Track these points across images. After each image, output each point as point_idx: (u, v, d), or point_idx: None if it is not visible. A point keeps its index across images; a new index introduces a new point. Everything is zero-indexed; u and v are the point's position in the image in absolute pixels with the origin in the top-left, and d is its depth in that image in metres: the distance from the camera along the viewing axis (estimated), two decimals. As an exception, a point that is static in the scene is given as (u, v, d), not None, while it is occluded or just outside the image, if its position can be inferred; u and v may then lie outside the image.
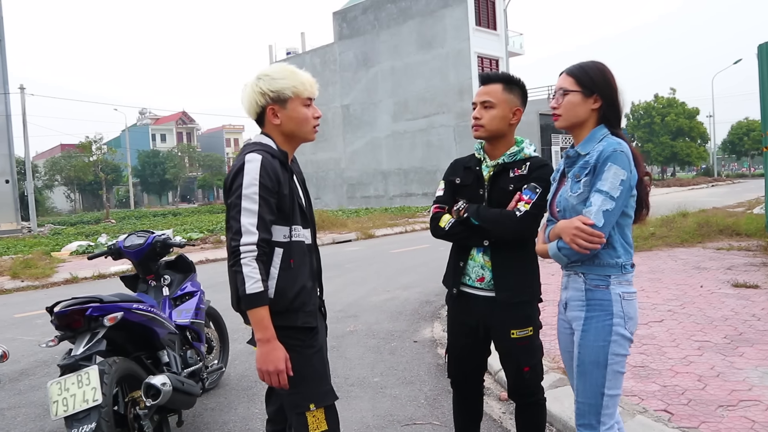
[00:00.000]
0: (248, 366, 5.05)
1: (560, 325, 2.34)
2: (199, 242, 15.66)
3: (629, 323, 2.11)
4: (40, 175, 53.77)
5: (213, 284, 9.21)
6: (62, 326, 2.89)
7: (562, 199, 2.19)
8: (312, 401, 2.20)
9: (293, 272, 2.19)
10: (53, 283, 10.73)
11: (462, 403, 2.86)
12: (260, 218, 2.09)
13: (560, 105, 2.18)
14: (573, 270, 2.19)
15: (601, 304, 2.10)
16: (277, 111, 2.24)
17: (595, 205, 2.02)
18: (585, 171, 2.10)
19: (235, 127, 79.03)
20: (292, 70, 2.29)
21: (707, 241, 9.93)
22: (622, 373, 2.13)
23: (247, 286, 2.04)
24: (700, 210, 13.99)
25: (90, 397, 2.62)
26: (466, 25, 31.33)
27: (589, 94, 2.13)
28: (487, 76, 2.58)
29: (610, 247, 2.09)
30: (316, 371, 2.24)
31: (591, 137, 2.16)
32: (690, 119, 52.47)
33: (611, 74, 2.17)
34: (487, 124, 2.53)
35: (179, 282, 4.11)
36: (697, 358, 4.17)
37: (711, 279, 6.87)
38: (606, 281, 2.10)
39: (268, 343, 2.09)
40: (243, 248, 2.05)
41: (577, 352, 2.15)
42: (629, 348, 2.13)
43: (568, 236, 2.04)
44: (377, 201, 35.45)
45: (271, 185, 2.13)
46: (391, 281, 9.03)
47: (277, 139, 2.28)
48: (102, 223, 33.23)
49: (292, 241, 2.20)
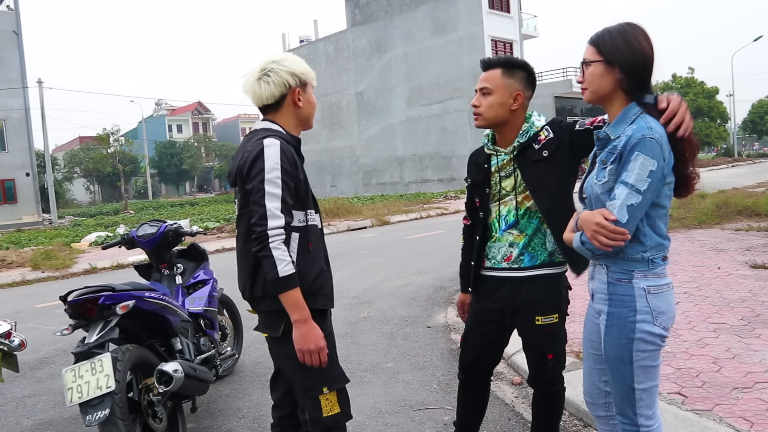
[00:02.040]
0: (262, 353, 5.09)
1: (589, 312, 2.22)
2: (216, 231, 15.80)
3: (660, 318, 1.93)
4: (59, 168, 54.52)
5: (229, 272, 9.26)
6: (76, 315, 2.93)
7: (588, 186, 2.03)
8: (325, 384, 2.23)
9: (311, 255, 2.21)
10: (73, 274, 10.89)
11: (469, 393, 2.79)
12: (284, 202, 2.10)
13: (584, 78, 2.03)
14: (597, 259, 2.05)
15: (623, 300, 1.95)
16: (300, 94, 2.27)
17: (619, 199, 1.85)
18: (612, 157, 1.92)
19: (251, 116, 79.06)
20: (299, 59, 2.32)
21: (725, 222, 9.80)
22: (653, 366, 1.98)
23: (279, 269, 2.05)
24: (719, 191, 13.79)
25: (103, 384, 2.66)
26: (479, 9, 31.03)
27: (611, 63, 1.94)
28: (486, 62, 2.51)
29: (637, 242, 1.91)
30: (329, 355, 2.24)
31: (622, 117, 1.96)
32: (709, 99, 51.58)
33: (635, 37, 1.93)
34: (485, 111, 2.45)
35: (192, 270, 4.15)
36: (713, 341, 4.12)
37: (728, 260, 6.79)
38: (629, 275, 1.94)
39: (306, 323, 2.11)
40: (271, 232, 2.06)
41: (603, 347, 2.03)
42: (663, 342, 1.97)
43: (589, 231, 1.89)
44: (393, 188, 35.41)
45: (291, 170, 2.14)
46: (405, 267, 9.04)
47: (289, 124, 2.29)
48: (120, 214, 33.63)
49: (308, 225, 2.23)
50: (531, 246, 2.49)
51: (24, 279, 10.46)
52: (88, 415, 2.64)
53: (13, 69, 29.93)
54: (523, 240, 2.49)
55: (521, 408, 3.64)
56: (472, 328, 2.68)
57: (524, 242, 2.49)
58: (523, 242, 2.49)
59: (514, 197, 2.49)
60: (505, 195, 2.53)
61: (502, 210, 2.54)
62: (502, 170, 2.52)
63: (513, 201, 2.50)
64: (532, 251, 2.49)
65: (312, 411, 2.23)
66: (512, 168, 2.49)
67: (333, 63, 38.23)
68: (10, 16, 30.48)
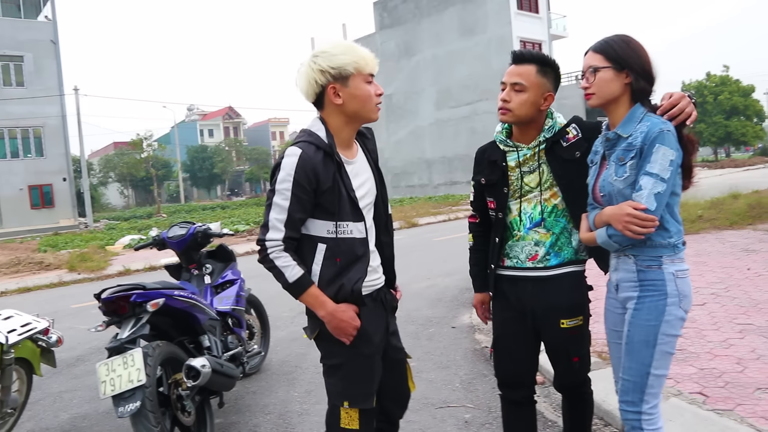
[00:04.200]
0: (289, 352, 5.20)
1: (609, 304, 2.28)
2: (246, 234, 16.03)
3: (684, 301, 2.07)
4: (95, 173, 55.77)
5: (258, 273, 9.44)
6: (109, 312, 3.07)
7: (606, 184, 2.12)
8: (346, 399, 2.18)
9: (337, 269, 2.13)
10: (107, 275, 11.19)
11: (514, 411, 2.59)
12: (289, 216, 2.05)
13: (592, 84, 2.11)
14: (622, 251, 2.12)
15: (655, 285, 2.06)
16: (338, 90, 2.10)
17: (646, 189, 1.96)
18: (630, 154, 2.04)
19: (281, 120, 79.96)
20: (351, 44, 2.16)
21: (758, 222, 9.61)
22: (671, 353, 2.09)
23: (287, 276, 2.06)
24: (753, 191, 13.52)
25: (135, 378, 2.78)
26: (507, 10, 30.93)
27: (620, 69, 2.06)
28: (521, 55, 2.36)
29: (662, 228, 2.03)
30: (358, 371, 2.19)
31: (630, 118, 2.09)
32: (745, 97, 50.45)
33: (638, 44, 2.10)
34: (516, 108, 2.33)
35: (220, 270, 4.27)
36: (738, 341, 4.10)
37: (759, 261, 6.69)
38: (658, 261, 2.05)
39: (332, 315, 2.09)
40: (269, 243, 2.06)
41: (627, 330, 2.10)
42: (681, 329, 2.09)
43: (621, 223, 1.98)
44: (422, 190, 35.43)
45: (308, 183, 2.05)
46: (432, 268, 9.09)
47: (336, 122, 2.16)
48: (153, 218, 34.26)
49: (338, 237, 2.12)
50: (558, 245, 2.41)
51: (61, 280, 10.79)
52: (120, 407, 2.76)
53: (51, 77, 30.79)
54: (549, 239, 2.40)
55: (544, 407, 3.67)
56: (501, 334, 2.54)
57: (551, 241, 2.40)
58: (550, 241, 2.40)
59: (539, 194, 2.40)
60: (528, 192, 2.42)
61: (525, 207, 2.43)
62: (524, 165, 2.42)
63: (538, 198, 2.40)
64: (558, 250, 2.41)
65: (330, 417, 2.23)
66: (537, 164, 2.39)
67: None
68: (48, 27, 31.37)
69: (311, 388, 4.26)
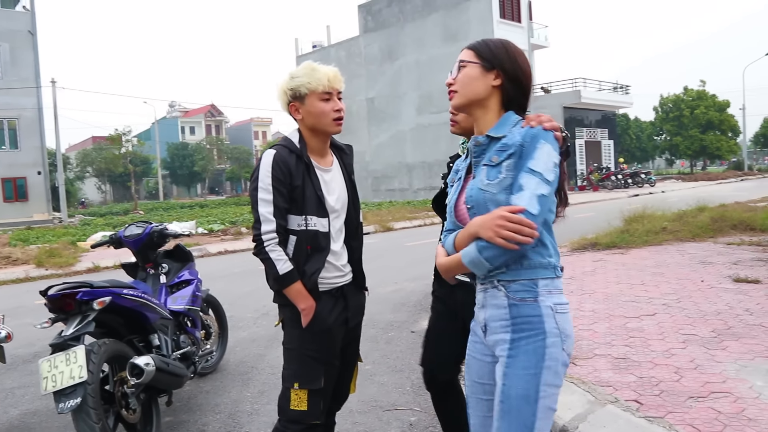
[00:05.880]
0: (248, 353, 5.24)
1: (474, 350, 1.89)
2: (220, 233, 15.99)
3: (567, 342, 1.72)
4: (71, 167, 55.11)
5: (228, 274, 9.48)
6: (55, 309, 3.11)
7: (474, 192, 1.76)
8: (297, 380, 2.39)
9: (309, 257, 2.39)
10: (76, 272, 11.11)
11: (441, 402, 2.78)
12: (275, 206, 2.32)
13: (456, 80, 1.86)
14: (490, 282, 1.76)
15: (530, 322, 1.70)
16: (298, 107, 2.44)
17: (528, 189, 1.64)
18: (506, 153, 1.73)
19: (263, 119, 79.75)
20: (312, 67, 2.44)
21: (720, 235, 9.84)
22: (553, 410, 1.71)
23: (278, 268, 2.31)
24: (720, 204, 13.80)
25: (76, 374, 2.81)
26: (490, 18, 31.19)
27: (489, 67, 1.81)
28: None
29: (541, 244, 1.71)
30: (311, 352, 2.41)
31: (503, 122, 1.81)
32: (720, 112, 51.32)
33: (517, 51, 1.86)
34: (463, 120, 2.46)
35: (177, 270, 4.30)
36: (680, 351, 4.22)
37: (714, 273, 6.86)
38: (533, 292, 1.70)
39: (310, 308, 2.37)
40: (265, 236, 2.30)
41: (502, 384, 1.70)
42: (564, 377, 1.74)
43: (491, 230, 1.62)
44: (401, 194, 35.55)
45: (283, 177, 2.34)
46: (400, 273, 9.17)
47: (305, 132, 2.47)
48: (130, 214, 33.94)
49: (307, 229, 2.38)
50: None
51: (27, 276, 10.70)
52: (61, 403, 2.80)
53: (28, 68, 30.40)
54: None
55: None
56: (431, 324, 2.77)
57: None
58: None
59: None
60: None
61: None
62: None
63: None
64: None
65: (282, 400, 2.44)
66: None
67: (344, 69, 37.77)
68: (25, 17, 30.98)
69: (264, 389, 4.31)
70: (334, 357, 2.50)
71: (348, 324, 2.55)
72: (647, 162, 71.38)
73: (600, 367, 3.97)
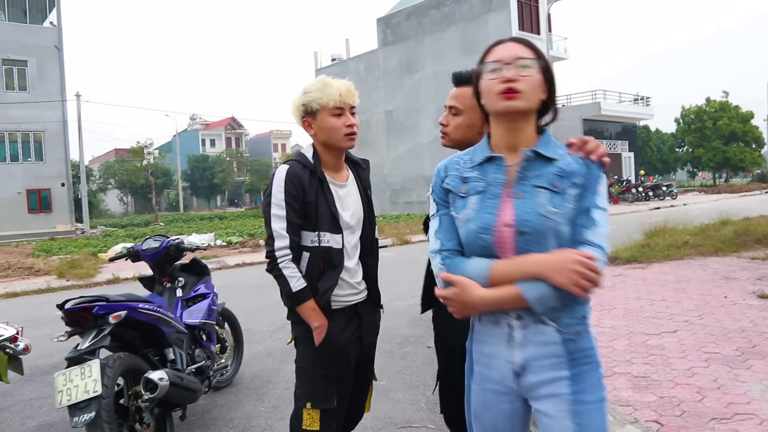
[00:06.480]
0: (262, 366, 5.23)
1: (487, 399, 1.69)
2: (238, 246, 16.07)
3: None
4: (94, 179, 55.94)
5: (246, 287, 9.50)
6: (71, 323, 3.13)
7: (532, 218, 1.55)
8: (309, 400, 2.36)
9: (322, 274, 2.36)
10: (96, 283, 11.21)
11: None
12: (289, 222, 2.30)
13: (523, 78, 1.57)
14: (533, 318, 1.58)
15: (589, 355, 1.60)
16: (310, 122, 2.43)
17: (603, 227, 1.55)
18: (570, 180, 1.58)
19: (283, 132, 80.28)
20: (325, 82, 2.42)
21: (743, 250, 9.66)
22: None
23: (291, 285, 2.28)
24: (744, 218, 13.56)
25: (91, 388, 2.82)
26: (509, 30, 31.15)
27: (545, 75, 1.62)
28: (459, 77, 2.32)
29: None
30: (323, 371, 2.38)
31: (548, 141, 1.64)
32: (744, 123, 50.75)
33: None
34: (452, 132, 2.31)
35: (193, 284, 4.31)
36: (702, 370, 4.13)
37: (737, 289, 6.73)
38: (585, 324, 1.61)
39: (324, 326, 2.35)
40: (278, 253, 2.29)
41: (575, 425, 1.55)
42: None
43: (566, 277, 1.46)
44: (420, 207, 35.48)
45: (296, 192, 2.32)
46: (417, 287, 9.00)
47: (319, 147, 2.46)
48: (150, 226, 34.28)
49: (321, 246, 2.35)
50: None
51: (49, 287, 10.81)
52: (75, 417, 2.80)
53: (54, 83, 31.04)
54: None
55: None
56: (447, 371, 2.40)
57: None
58: None
59: None
60: None
61: None
62: None
63: None
64: None
65: (294, 420, 2.41)
66: None
67: (363, 81, 38.64)
68: (52, 32, 31.66)
69: (279, 404, 4.29)
70: (348, 376, 2.47)
71: (362, 342, 2.52)
72: (668, 174, 70.62)
73: (619, 386, 3.90)
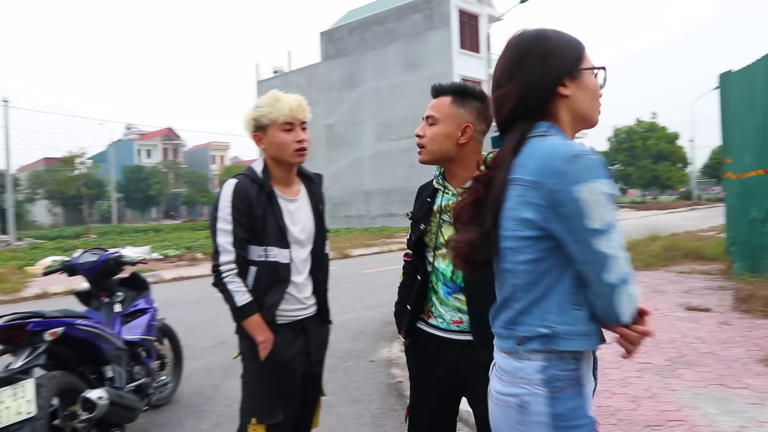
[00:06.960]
0: (203, 383, 5.12)
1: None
2: (175, 259, 15.67)
3: None
4: (21, 188, 53.44)
5: (184, 302, 9.27)
6: (3, 340, 2.98)
7: None
8: (255, 415, 2.35)
9: (268, 288, 2.35)
10: (23, 298, 10.69)
11: None
12: (235, 237, 2.29)
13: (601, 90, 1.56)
14: None
15: None
16: (261, 137, 2.43)
17: None
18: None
19: (221, 144, 79.10)
20: (276, 97, 2.43)
21: (672, 264, 10.12)
22: None
23: (236, 299, 2.27)
24: (671, 234, 14.21)
25: (24, 410, 2.69)
26: (449, 48, 31.78)
27: None
28: (438, 88, 2.20)
29: None
30: (269, 386, 2.37)
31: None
32: (670, 143, 53.35)
33: None
34: (429, 143, 2.11)
35: (132, 299, 4.19)
36: (636, 380, 4.30)
37: (667, 302, 7.04)
38: None
39: (269, 341, 2.33)
40: (223, 267, 2.28)
41: None
42: None
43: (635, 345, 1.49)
44: (359, 221, 35.55)
45: (243, 207, 2.31)
46: (358, 301, 9.12)
47: (269, 162, 2.46)
48: (82, 238, 33.00)
49: (267, 260, 2.35)
50: None
51: (-29, 302, 10.25)
52: (7, 441, 2.67)
53: (-21, 88, 29.56)
54: None
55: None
56: (420, 404, 2.23)
57: None
58: None
59: None
60: (441, 245, 2.10)
61: (439, 263, 2.14)
62: (445, 212, 2.11)
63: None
64: None
65: None
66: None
67: (305, 95, 35.93)
68: (-22, 35, 30.22)
69: (220, 421, 4.20)
70: (294, 391, 2.45)
71: (310, 358, 2.52)
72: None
73: (559, 397, 4.00)
